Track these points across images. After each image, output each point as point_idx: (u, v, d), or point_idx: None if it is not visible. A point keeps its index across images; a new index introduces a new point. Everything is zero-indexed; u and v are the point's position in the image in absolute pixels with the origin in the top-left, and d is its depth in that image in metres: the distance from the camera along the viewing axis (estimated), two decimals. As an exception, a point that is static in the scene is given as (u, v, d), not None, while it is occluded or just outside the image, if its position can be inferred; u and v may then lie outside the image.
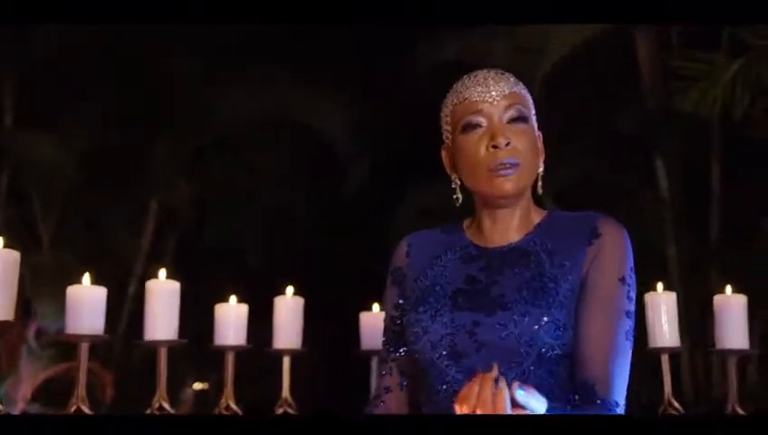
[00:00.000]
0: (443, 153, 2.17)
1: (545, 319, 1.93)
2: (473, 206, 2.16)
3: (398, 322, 2.13)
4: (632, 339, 2.02)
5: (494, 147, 2.01)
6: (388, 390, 2.12)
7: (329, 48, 7.77)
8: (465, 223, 2.19)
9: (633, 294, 2.04)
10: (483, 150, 2.03)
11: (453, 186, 2.14)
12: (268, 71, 8.00)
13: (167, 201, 8.01)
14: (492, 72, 2.11)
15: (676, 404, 3.47)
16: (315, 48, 7.82)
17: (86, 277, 3.26)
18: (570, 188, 7.32)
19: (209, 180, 8.18)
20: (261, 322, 3.73)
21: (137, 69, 7.52)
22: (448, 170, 2.16)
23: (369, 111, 8.09)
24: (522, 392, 1.69)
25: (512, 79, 2.12)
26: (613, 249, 2.03)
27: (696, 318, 6.17)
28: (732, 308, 3.58)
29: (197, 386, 8.95)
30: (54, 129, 7.46)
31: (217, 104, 7.95)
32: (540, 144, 2.13)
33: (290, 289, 3.68)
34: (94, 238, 7.65)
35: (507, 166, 2.01)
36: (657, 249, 6.84)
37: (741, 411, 3.32)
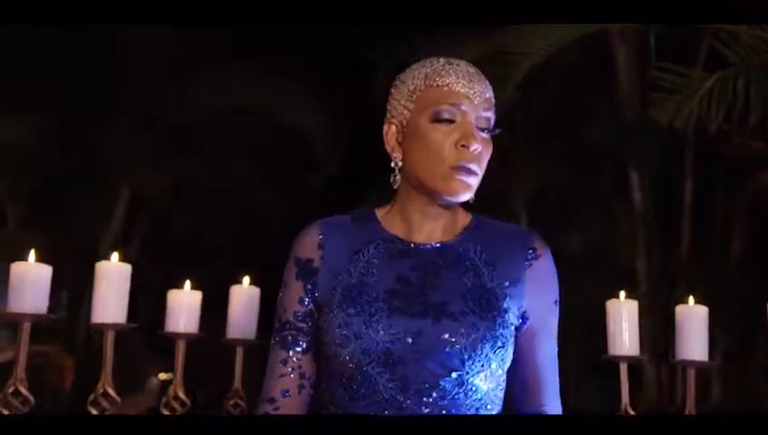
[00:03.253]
0: (387, 127, 1.99)
1: (491, 334, 1.83)
2: (393, 193, 1.99)
3: (302, 318, 1.95)
4: None
5: (464, 146, 1.86)
6: (286, 393, 1.93)
7: (302, 42, 7.74)
8: (379, 213, 2.01)
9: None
10: (449, 147, 1.87)
11: (393, 165, 1.96)
12: (241, 61, 7.93)
13: (136, 187, 7.93)
14: (472, 68, 1.95)
15: (632, 413, 3.43)
16: (288, 40, 7.78)
17: (31, 254, 3.16)
18: (541, 197, 7.31)
19: (179, 169, 8.09)
20: (219, 311, 3.66)
21: (108, 53, 7.44)
22: (389, 148, 1.98)
23: (340, 105, 8.05)
24: None
25: (487, 82, 1.96)
26: (549, 273, 1.98)
27: (662, 330, 6.14)
28: (693, 319, 3.55)
29: (163, 376, 8.82)
30: (23, 110, 7.37)
31: (191, 92, 7.88)
32: None
33: (246, 279, 3.60)
34: (62, 220, 7.55)
35: (470, 171, 1.87)
36: (627, 261, 6.83)
37: (694, 422, 3.29)
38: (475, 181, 1.89)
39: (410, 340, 1.81)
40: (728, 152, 6.20)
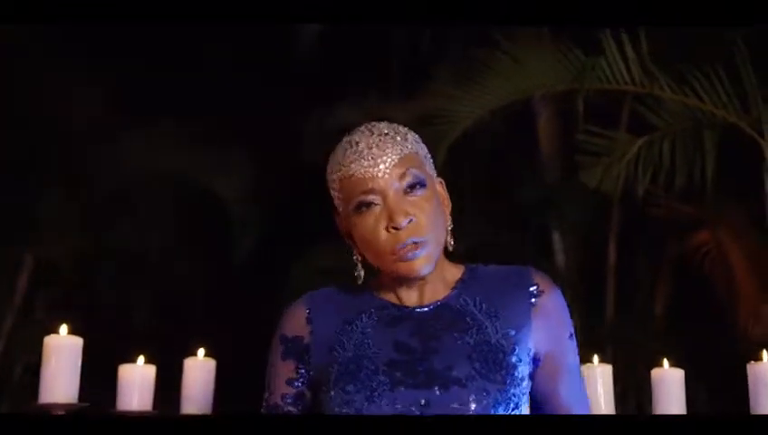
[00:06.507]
0: (336, 219, 1.96)
1: (504, 396, 1.77)
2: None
3: (292, 400, 1.89)
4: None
5: (395, 228, 1.82)
6: None
7: (229, 107, 7.64)
8: (371, 282, 1.97)
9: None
10: (383, 233, 1.83)
11: (354, 258, 1.94)
12: (167, 126, 7.78)
13: (45, 255, 7.62)
14: (374, 138, 1.86)
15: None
16: (214, 107, 7.67)
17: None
18: (468, 257, 7.30)
19: (96, 236, 7.86)
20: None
21: (25, 112, 7.22)
22: (345, 239, 1.95)
23: (267, 172, 7.97)
24: None
25: (398, 137, 1.88)
26: (558, 307, 1.92)
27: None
28: (668, 383, 3.52)
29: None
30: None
31: (111, 158, 7.69)
32: (444, 197, 1.97)
33: (201, 351, 3.49)
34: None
35: (413, 246, 1.82)
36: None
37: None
38: (425, 250, 1.84)
39: (418, 413, 1.74)
40: (656, 215, 6.28)
